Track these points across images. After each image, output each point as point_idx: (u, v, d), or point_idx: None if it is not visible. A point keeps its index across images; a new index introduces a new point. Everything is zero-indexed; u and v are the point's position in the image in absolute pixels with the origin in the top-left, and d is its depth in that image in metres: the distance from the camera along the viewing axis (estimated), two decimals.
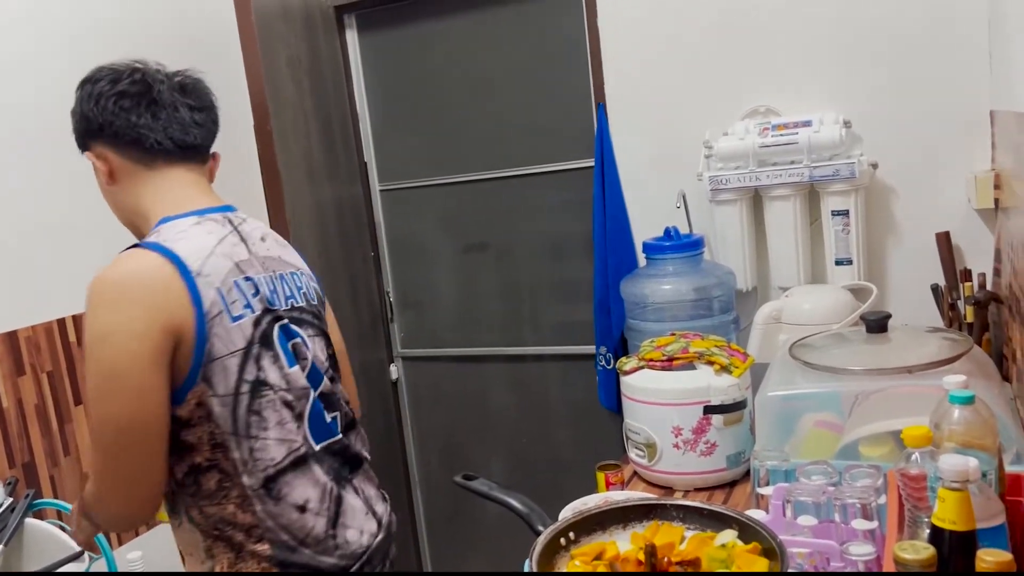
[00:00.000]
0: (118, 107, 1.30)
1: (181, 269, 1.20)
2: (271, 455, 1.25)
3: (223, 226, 1.31)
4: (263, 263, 1.32)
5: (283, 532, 1.26)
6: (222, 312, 1.21)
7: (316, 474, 1.31)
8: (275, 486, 1.25)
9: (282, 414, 1.27)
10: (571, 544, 1.08)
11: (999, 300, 1.80)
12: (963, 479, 0.92)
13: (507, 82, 2.62)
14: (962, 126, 2.02)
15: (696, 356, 1.70)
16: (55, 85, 2.07)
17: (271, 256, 1.35)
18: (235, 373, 1.22)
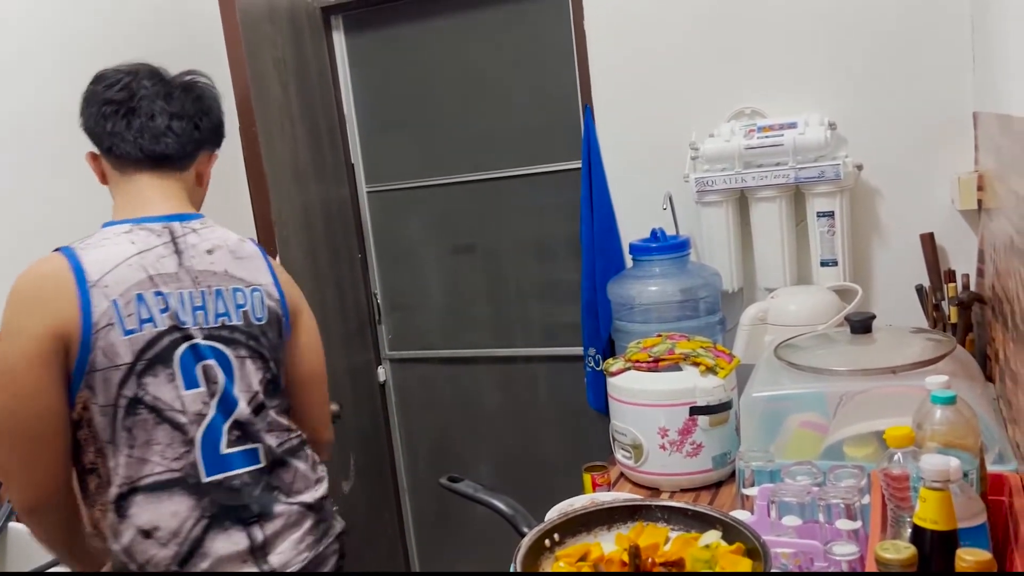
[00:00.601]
0: (100, 114, 1.34)
1: (78, 277, 1.22)
2: (128, 473, 1.24)
3: (157, 236, 1.31)
4: (197, 278, 1.31)
5: (123, 553, 1.25)
6: (112, 324, 1.22)
7: (180, 504, 1.26)
8: (124, 504, 1.25)
9: (158, 435, 1.25)
10: (556, 545, 1.08)
11: (982, 301, 1.82)
12: (944, 479, 0.92)
13: (494, 84, 2.63)
14: (946, 128, 2.04)
15: (682, 357, 1.70)
16: (38, 87, 2.06)
17: (213, 271, 1.33)
18: (115, 387, 1.23)
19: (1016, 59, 1.30)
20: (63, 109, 1.78)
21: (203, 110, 1.42)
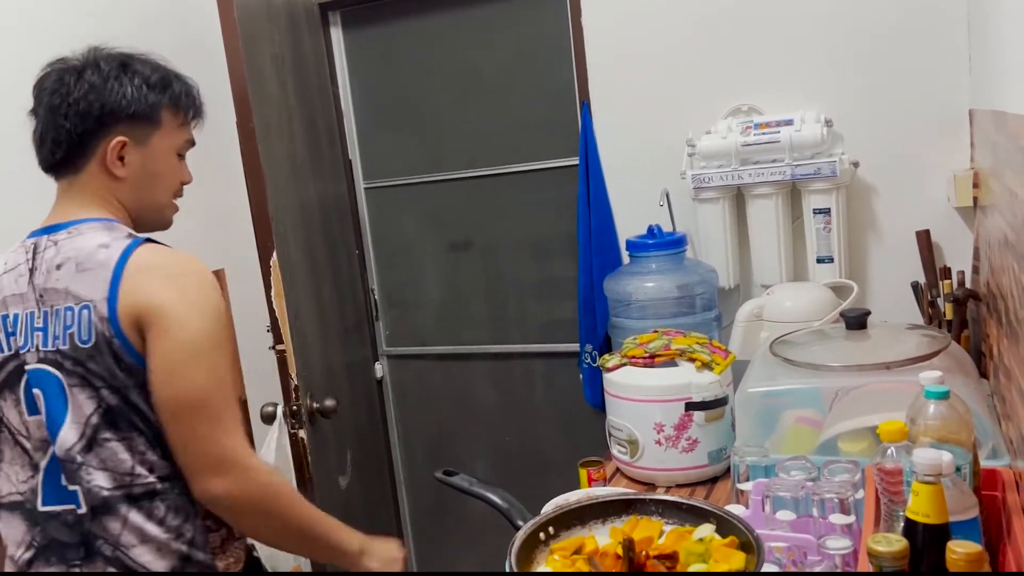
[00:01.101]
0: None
1: None
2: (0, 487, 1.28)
3: (25, 253, 1.27)
4: (41, 296, 1.23)
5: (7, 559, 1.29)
6: None
7: (17, 529, 1.26)
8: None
9: (11, 456, 1.26)
10: (551, 539, 1.09)
11: (977, 297, 1.82)
12: (936, 472, 0.93)
13: (492, 80, 2.63)
14: (942, 125, 2.04)
15: (678, 353, 1.71)
16: None
17: (56, 288, 1.22)
18: None
19: (1011, 57, 1.31)
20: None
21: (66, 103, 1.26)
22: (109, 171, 1.28)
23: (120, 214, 1.30)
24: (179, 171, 1.37)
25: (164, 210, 1.37)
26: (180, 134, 1.36)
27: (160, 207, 1.36)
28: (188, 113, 1.36)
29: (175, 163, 1.36)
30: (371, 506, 2.88)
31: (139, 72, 1.30)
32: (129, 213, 1.32)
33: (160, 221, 1.38)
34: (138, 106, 1.28)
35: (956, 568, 0.79)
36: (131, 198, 1.31)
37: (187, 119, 1.37)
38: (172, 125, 1.33)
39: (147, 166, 1.31)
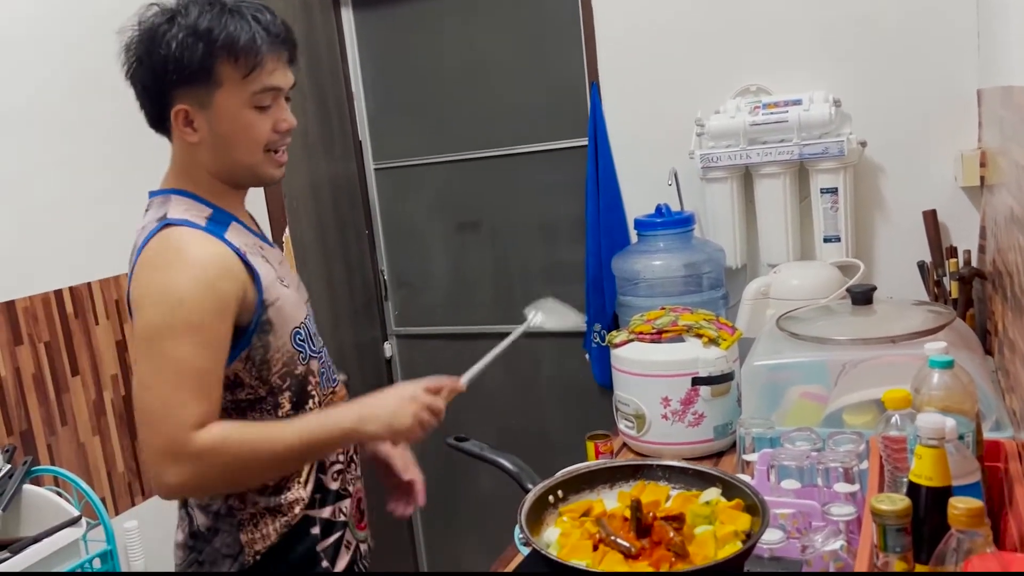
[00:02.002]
0: None
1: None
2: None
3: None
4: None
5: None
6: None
7: None
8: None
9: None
10: (560, 502, 1.11)
11: (983, 276, 1.83)
12: (940, 436, 0.94)
13: (502, 61, 2.64)
14: (950, 105, 2.05)
15: (685, 329, 1.72)
16: (47, 63, 2.08)
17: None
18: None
19: (1017, 31, 1.31)
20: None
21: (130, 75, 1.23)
22: (179, 137, 1.24)
23: (203, 179, 1.25)
24: (260, 124, 1.22)
25: (255, 168, 1.25)
26: (247, 87, 1.19)
27: (248, 166, 1.24)
28: (250, 61, 1.18)
29: (251, 118, 1.21)
30: (378, 484, 2.91)
31: (184, 24, 1.17)
32: (217, 176, 1.26)
33: (257, 178, 1.28)
34: (188, 68, 1.17)
35: (957, 523, 0.81)
36: (213, 161, 1.24)
37: (252, 69, 1.19)
38: (235, 79, 1.18)
39: (216, 128, 1.21)
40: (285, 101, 1.26)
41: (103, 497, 2.10)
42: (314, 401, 1.31)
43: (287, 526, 1.28)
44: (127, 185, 2.24)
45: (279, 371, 1.26)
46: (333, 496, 1.33)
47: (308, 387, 1.31)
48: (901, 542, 0.82)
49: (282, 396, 1.27)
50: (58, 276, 2.07)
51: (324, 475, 1.32)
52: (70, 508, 1.77)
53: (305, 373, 1.30)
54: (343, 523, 1.35)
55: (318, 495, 1.31)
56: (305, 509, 1.29)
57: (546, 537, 1.04)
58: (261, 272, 1.23)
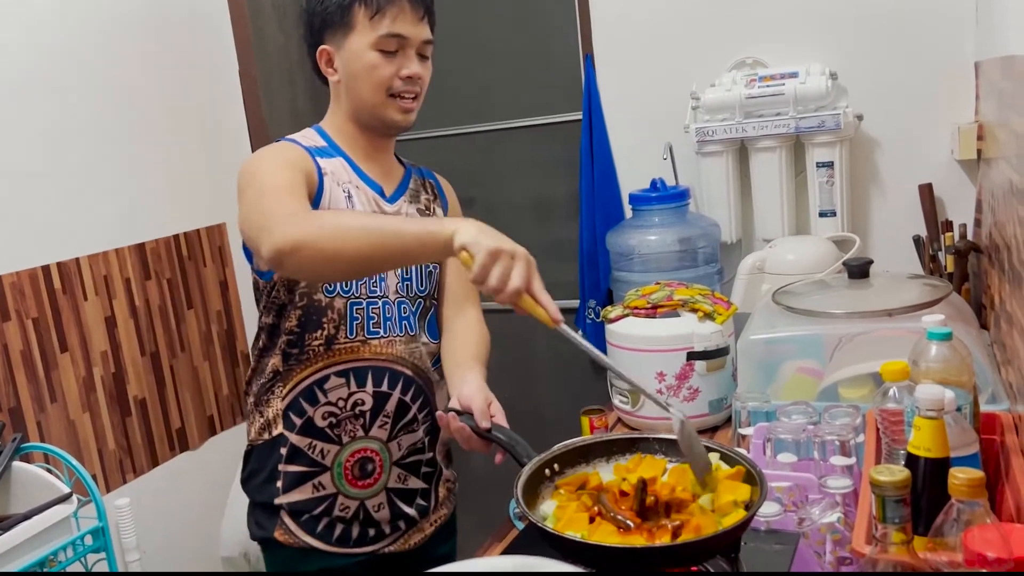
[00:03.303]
0: None
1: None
2: None
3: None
4: None
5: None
6: None
7: None
8: None
9: None
10: (556, 475, 1.10)
11: (979, 250, 1.83)
12: (938, 407, 0.94)
13: (494, 33, 2.60)
14: (947, 78, 2.03)
15: (680, 304, 1.71)
16: (34, 33, 2.04)
17: None
18: None
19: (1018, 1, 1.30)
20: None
21: (302, 13, 1.44)
22: (330, 79, 1.41)
23: (339, 122, 1.43)
24: (384, 67, 1.36)
25: (377, 109, 1.39)
26: (373, 30, 1.34)
27: (371, 107, 1.39)
28: (377, 4, 1.34)
29: (375, 60, 1.35)
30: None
31: None
32: (351, 117, 1.42)
33: (381, 120, 1.40)
34: (328, 10, 1.36)
35: (958, 493, 0.80)
36: (347, 101, 1.41)
37: (377, 11, 1.34)
38: (364, 22, 1.34)
39: (347, 68, 1.38)
40: (418, 56, 1.39)
41: (94, 474, 2.09)
42: (322, 334, 1.38)
43: (265, 430, 1.42)
44: (115, 158, 2.22)
45: (302, 288, 1.36)
46: (315, 432, 1.40)
47: (323, 319, 1.37)
48: (900, 513, 0.82)
49: (294, 311, 1.37)
50: (46, 251, 2.05)
51: (308, 404, 1.39)
52: (61, 485, 1.76)
53: (324, 305, 1.37)
54: (318, 463, 1.41)
55: (297, 419, 1.40)
56: (284, 427, 1.40)
57: (542, 510, 1.04)
58: (327, 171, 1.37)
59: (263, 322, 1.43)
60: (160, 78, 2.28)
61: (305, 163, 1.35)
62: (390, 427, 1.44)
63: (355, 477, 1.43)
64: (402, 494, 1.48)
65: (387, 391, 1.43)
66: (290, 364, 1.40)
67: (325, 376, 1.40)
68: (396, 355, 1.43)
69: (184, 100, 2.29)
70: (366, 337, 1.40)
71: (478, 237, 1.11)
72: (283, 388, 1.40)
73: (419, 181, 1.59)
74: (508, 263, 1.12)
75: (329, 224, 1.17)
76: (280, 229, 1.14)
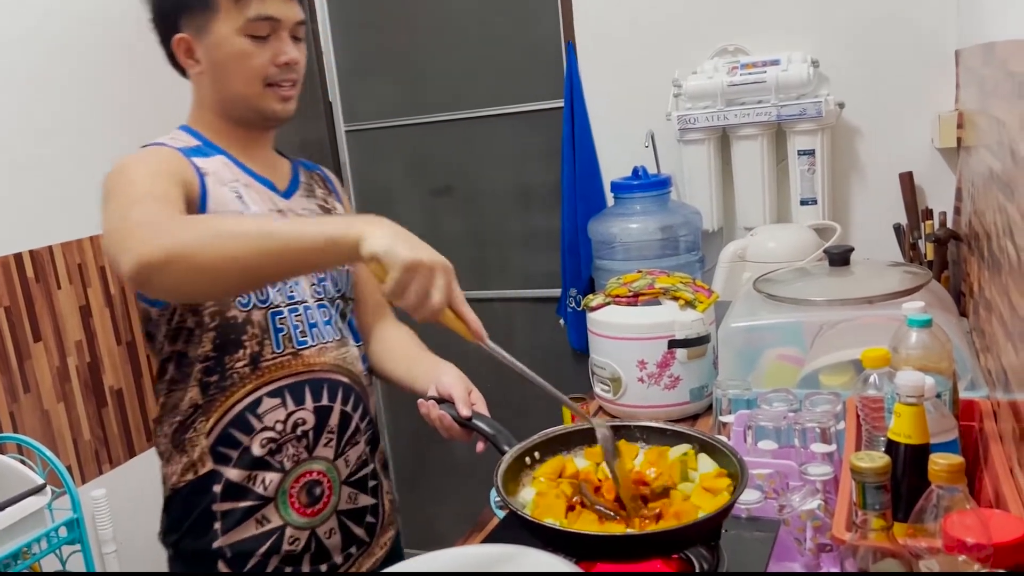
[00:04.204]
0: None
1: None
2: None
3: None
4: None
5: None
6: None
7: None
8: None
9: None
10: (536, 463, 1.10)
11: (958, 238, 1.84)
12: (918, 394, 0.94)
13: (475, 19, 2.58)
14: (927, 67, 2.04)
15: (661, 292, 1.71)
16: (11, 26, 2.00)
17: None
18: None
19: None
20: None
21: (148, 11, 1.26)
22: (190, 72, 1.26)
23: (209, 118, 1.27)
24: (257, 54, 1.21)
25: (252, 101, 1.24)
26: (239, 13, 1.20)
27: (245, 98, 1.24)
28: None
29: (245, 47, 1.21)
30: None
31: None
32: (221, 112, 1.26)
33: (259, 113, 1.25)
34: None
35: (938, 479, 0.80)
36: (214, 94, 1.25)
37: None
38: (228, 5, 1.19)
39: (212, 57, 1.22)
40: (292, 39, 1.24)
41: (69, 465, 2.06)
42: (245, 353, 1.22)
43: (190, 469, 1.24)
44: (89, 146, 2.18)
45: (211, 307, 1.20)
46: (251, 462, 1.24)
47: (242, 336, 1.22)
48: (880, 499, 0.81)
49: (205, 335, 1.21)
50: (17, 239, 2.01)
51: (241, 433, 1.23)
52: (34, 476, 1.73)
53: (241, 321, 1.21)
54: (260, 495, 1.24)
55: (231, 451, 1.23)
56: (215, 463, 1.23)
57: (522, 497, 1.03)
58: (207, 171, 1.20)
59: (166, 352, 1.24)
60: (144, 70, 2.24)
61: (180, 166, 1.18)
62: (336, 443, 1.30)
63: (303, 504, 1.27)
64: (353, 514, 1.34)
65: (328, 404, 1.28)
66: (211, 394, 1.23)
67: (256, 400, 1.23)
68: (330, 364, 1.29)
69: (167, 91, 2.25)
70: (296, 349, 1.26)
71: (392, 246, 0.94)
72: (207, 422, 1.23)
73: (308, 174, 1.42)
74: (427, 277, 0.96)
75: (206, 230, 1.01)
76: (145, 240, 0.98)
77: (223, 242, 0.97)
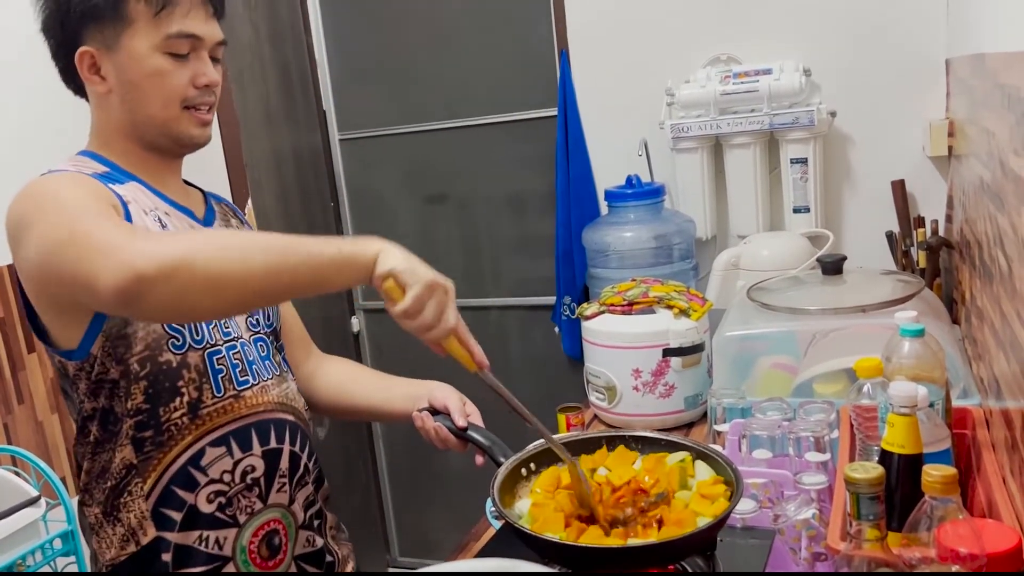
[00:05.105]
0: None
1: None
2: None
3: None
4: None
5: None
6: None
7: None
8: None
9: None
10: (532, 475, 1.10)
11: (950, 246, 1.85)
12: (912, 404, 0.94)
13: (469, 29, 2.59)
14: (918, 75, 2.05)
15: (656, 300, 1.72)
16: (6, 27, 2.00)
17: None
18: None
19: None
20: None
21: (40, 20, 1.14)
22: (93, 90, 1.13)
23: (116, 143, 1.15)
24: (175, 74, 1.10)
25: (168, 125, 1.12)
26: (158, 28, 1.08)
27: (160, 122, 1.12)
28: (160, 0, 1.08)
29: (163, 65, 1.09)
30: (349, 457, 2.89)
31: None
32: (132, 136, 1.14)
33: (174, 138, 1.14)
34: (95, 3, 1.07)
35: (931, 490, 0.80)
36: (124, 116, 1.13)
37: (164, 6, 1.08)
38: (145, 19, 1.08)
39: (124, 75, 1.10)
40: (211, 60, 1.14)
41: (63, 476, 2.05)
42: (182, 401, 1.10)
43: (130, 540, 1.10)
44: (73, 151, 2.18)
45: (139, 354, 1.08)
46: (203, 521, 1.11)
47: (178, 383, 1.10)
48: (874, 510, 0.82)
49: (136, 386, 1.08)
50: None
51: (184, 491, 1.11)
52: (28, 488, 1.72)
53: (176, 365, 1.09)
54: (217, 556, 1.13)
55: (175, 513, 1.10)
56: (158, 529, 1.10)
57: (518, 508, 1.03)
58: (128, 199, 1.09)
59: (87, 409, 1.10)
60: None
61: (103, 191, 1.06)
62: (289, 487, 1.20)
63: (263, 558, 1.16)
64: (311, 558, 1.25)
65: (277, 446, 1.17)
66: (147, 451, 1.09)
67: (199, 451, 1.10)
68: (273, 402, 1.19)
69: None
70: (238, 390, 1.14)
71: (411, 264, 0.95)
72: (144, 483, 1.09)
73: (220, 205, 1.31)
74: (443, 298, 0.97)
75: (209, 243, 0.93)
76: (135, 248, 0.87)
77: (232, 255, 0.90)
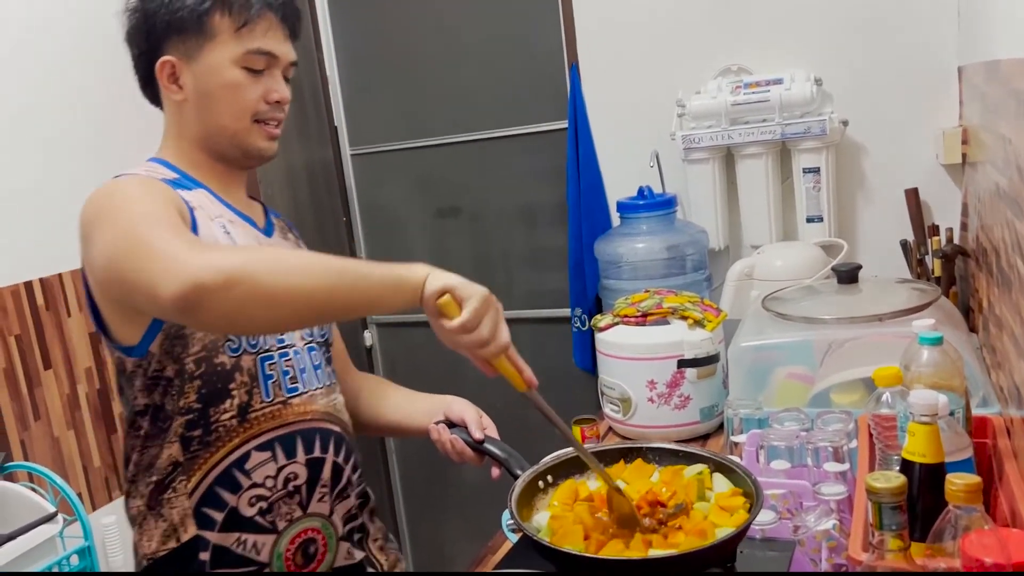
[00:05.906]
0: None
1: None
2: None
3: None
4: None
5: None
6: None
7: None
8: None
9: None
10: (549, 487, 1.09)
11: (966, 253, 1.84)
12: (932, 413, 0.93)
13: (479, 43, 2.60)
14: (931, 83, 2.04)
15: (670, 311, 1.71)
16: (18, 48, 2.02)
17: None
18: None
19: (1002, 5, 1.30)
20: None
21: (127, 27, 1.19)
22: (170, 98, 1.18)
23: (187, 151, 1.20)
24: (250, 88, 1.16)
25: (240, 136, 1.17)
26: (239, 43, 1.14)
27: (231, 133, 1.17)
28: (244, 16, 1.14)
29: (239, 78, 1.15)
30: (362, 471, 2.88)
31: None
32: (203, 145, 1.19)
33: (243, 150, 1.19)
34: (180, 13, 1.13)
35: (955, 499, 0.80)
36: (197, 125, 1.18)
37: (245, 23, 1.14)
38: (227, 33, 1.14)
39: (201, 85, 1.15)
40: (283, 78, 1.20)
41: (79, 492, 2.06)
42: (232, 403, 1.13)
43: (171, 536, 1.13)
44: (99, 172, 2.19)
45: (196, 354, 1.11)
46: (243, 524, 1.14)
47: (230, 385, 1.13)
48: (897, 520, 0.81)
49: (189, 385, 1.12)
50: (28, 267, 2.02)
51: (227, 492, 1.14)
52: (46, 504, 1.73)
53: (230, 368, 1.13)
54: (252, 561, 1.15)
55: (216, 513, 1.13)
56: (199, 527, 1.13)
57: (536, 521, 1.03)
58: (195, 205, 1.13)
59: (139, 404, 1.14)
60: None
61: (173, 195, 1.10)
62: (330, 498, 1.22)
63: (298, 566, 1.18)
64: (350, 571, 1.25)
65: (320, 456, 1.20)
66: (194, 450, 1.13)
67: (244, 454, 1.13)
68: (320, 412, 1.21)
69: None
70: (286, 397, 1.18)
71: (463, 281, 0.99)
72: (188, 481, 1.13)
73: (278, 220, 1.36)
74: (497, 314, 1.00)
75: (269, 258, 0.97)
76: (195, 259, 0.90)
77: (291, 272, 0.93)
